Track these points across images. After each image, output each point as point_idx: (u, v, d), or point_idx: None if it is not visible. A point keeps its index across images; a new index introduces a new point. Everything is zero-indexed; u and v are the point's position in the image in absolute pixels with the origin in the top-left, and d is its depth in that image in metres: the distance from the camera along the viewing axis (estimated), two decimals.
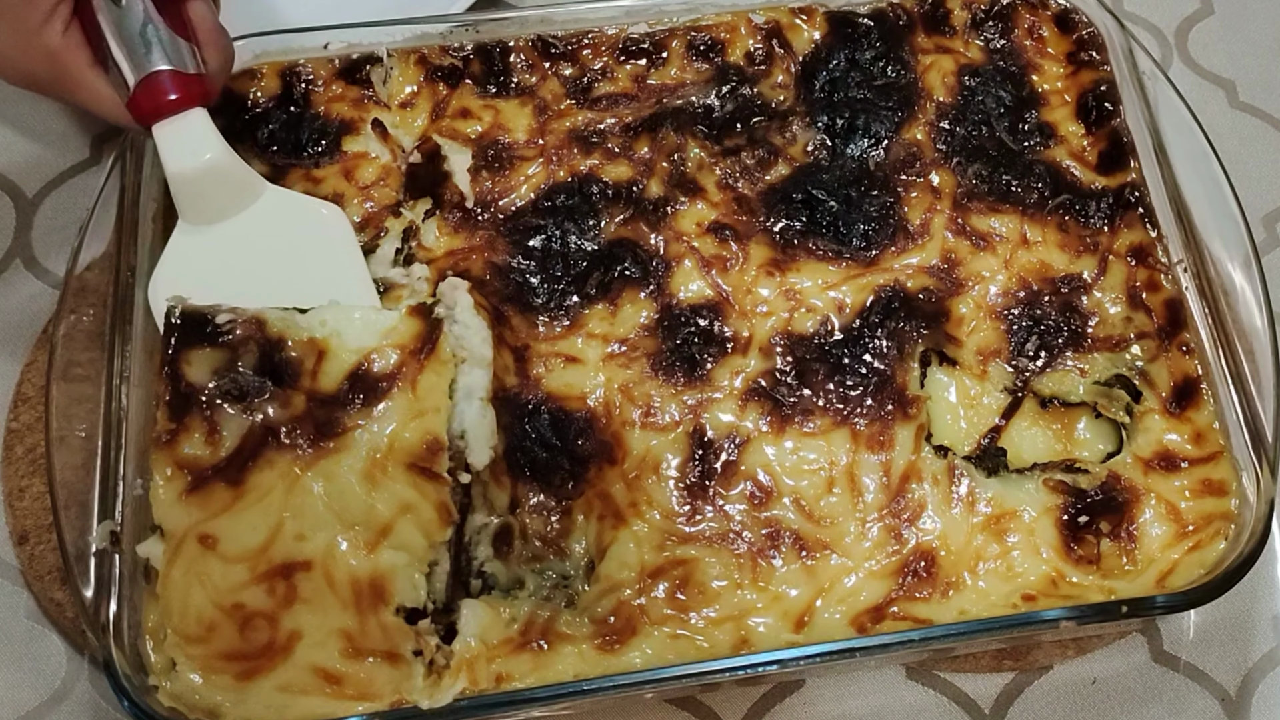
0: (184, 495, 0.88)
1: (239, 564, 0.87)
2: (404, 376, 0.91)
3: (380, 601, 0.87)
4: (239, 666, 0.86)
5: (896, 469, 0.96)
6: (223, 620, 0.86)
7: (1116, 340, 1.02)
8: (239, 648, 0.86)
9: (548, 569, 0.94)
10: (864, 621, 0.91)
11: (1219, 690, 1.04)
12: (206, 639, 0.86)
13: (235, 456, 0.88)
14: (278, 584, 0.87)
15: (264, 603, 0.86)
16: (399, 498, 0.88)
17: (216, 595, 0.86)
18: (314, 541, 0.88)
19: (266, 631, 0.86)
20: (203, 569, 0.87)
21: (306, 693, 0.86)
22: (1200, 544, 0.94)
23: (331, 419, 0.89)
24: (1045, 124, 1.11)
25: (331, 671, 0.86)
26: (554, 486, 0.95)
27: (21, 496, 1.06)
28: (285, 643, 0.86)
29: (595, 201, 1.06)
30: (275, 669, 0.86)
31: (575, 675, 0.88)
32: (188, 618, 0.86)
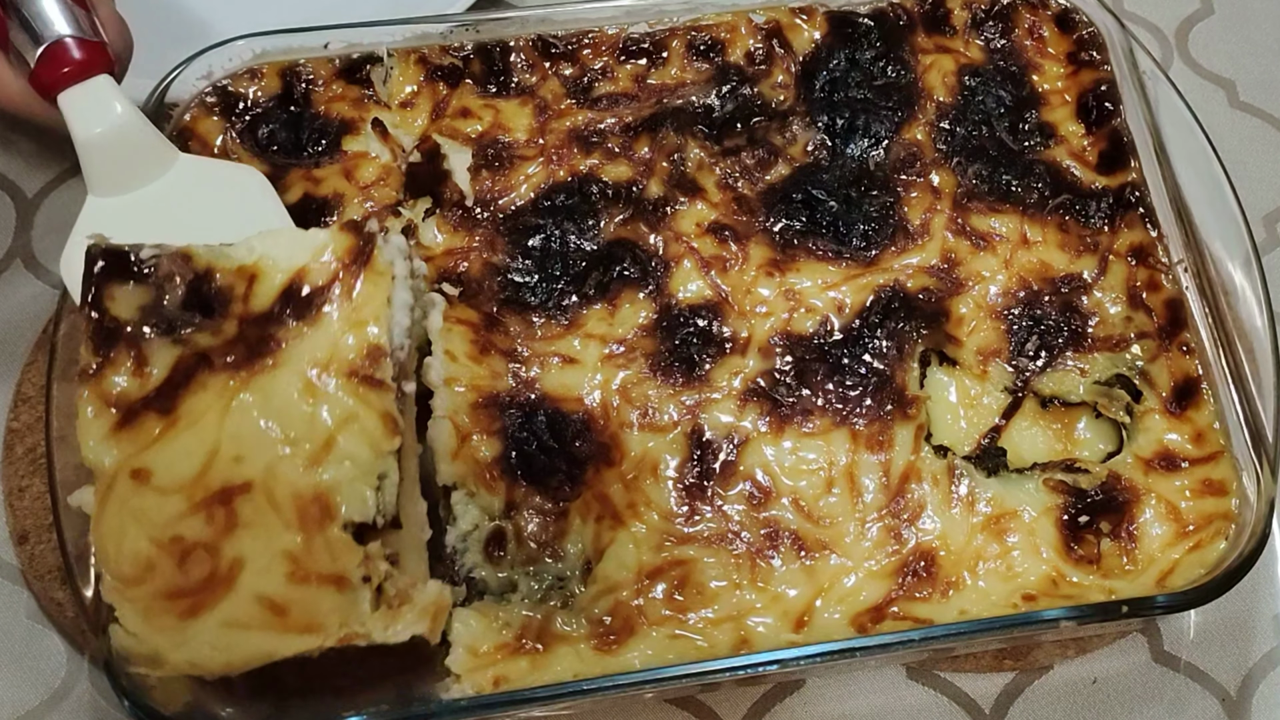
0: (113, 431, 0.83)
1: (175, 495, 0.82)
2: (340, 286, 0.87)
3: (327, 518, 0.82)
4: (181, 604, 0.81)
5: (896, 469, 0.96)
6: (161, 557, 0.81)
7: (1117, 340, 1.02)
8: (179, 584, 0.81)
9: (543, 571, 0.94)
10: (864, 621, 0.91)
11: (1219, 690, 1.03)
12: (144, 579, 0.81)
13: (165, 385, 0.84)
14: (216, 511, 0.82)
15: (203, 532, 0.82)
16: (341, 408, 0.84)
17: (153, 531, 0.81)
18: (253, 462, 0.83)
19: (207, 563, 0.81)
20: (137, 506, 0.82)
21: (250, 627, 0.81)
22: (1201, 544, 0.94)
23: (265, 336, 0.86)
24: (1045, 124, 1.11)
25: (276, 600, 0.81)
26: (551, 489, 0.95)
27: (21, 496, 1.06)
28: (227, 572, 0.81)
29: (595, 201, 1.06)
30: (218, 603, 0.81)
31: (574, 676, 0.88)
32: (123, 559, 0.81)
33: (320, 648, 0.81)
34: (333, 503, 0.83)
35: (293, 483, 0.82)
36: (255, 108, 1.09)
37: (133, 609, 0.81)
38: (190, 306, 0.86)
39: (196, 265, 0.87)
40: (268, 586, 0.81)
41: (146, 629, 0.80)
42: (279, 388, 0.84)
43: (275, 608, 0.81)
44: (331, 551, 0.82)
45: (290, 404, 0.84)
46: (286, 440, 0.83)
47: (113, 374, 0.84)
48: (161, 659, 0.81)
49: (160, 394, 0.84)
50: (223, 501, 0.82)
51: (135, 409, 0.83)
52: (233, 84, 1.08)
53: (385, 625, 0.82)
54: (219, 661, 0.81)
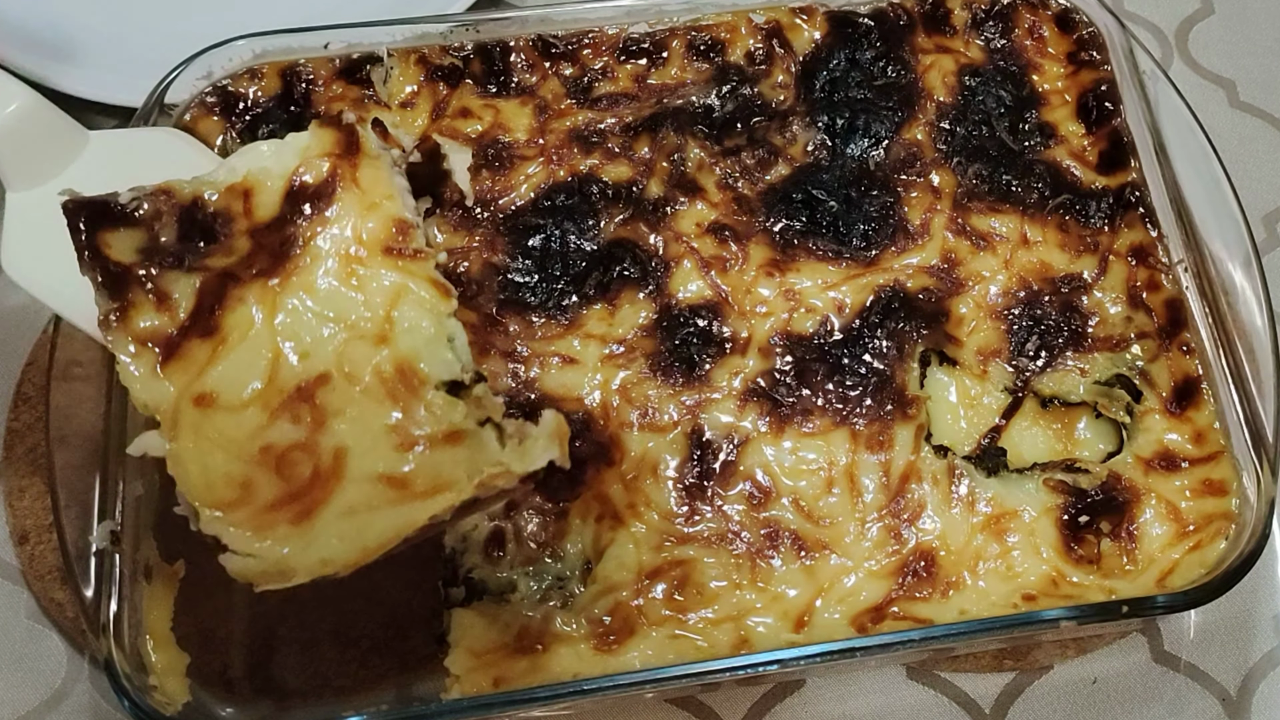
0: (160, 367, 0.82)
1: (249, 408, 0.81)
2: (342, 177, 0.88)
3: (417, 382, 0.82)
4: (291, 510, 0.78)
5: (896, 469, 0.96)
6: (255, 471, 0.79)
7: (1117, 340, 1.02)
8: (283, 491, 0.79)
9: (542, 571, 0.94)
10: (864, 621, 0.91)
11: (1220, 690, 1.03)
12: (245, 498, 0.78)
13: (199, 311, 0.83)
14: (300, 410, 0.81)
15: (293, 434, 0.80)
16: (389, 283, 0.85)
17: (238, 449, 0.80)
18: (320, 355, 0.82)
19: (307, 462, 0.79)
20: (213, 430, 0.80)
21: (375, 508, 0.78)
22: (1201, 544, 0.94)
23: (285, 239, 0.85)
24: (1045, 124, 1.11)
25: (394, 475, 0.79)
26: (551, 489, 0.95)
27: (21, 496, 1.07)
28: (332, 465, 0.79)
29: (595, 201, 1.06)
30: (331, 496, 0.79)
31: (574, 676, 0.88)
32: (215, 486, 0.79)
33: (456, 503, 0.78)
34: (417, 369, 0.82)
35: (370, 361, 0.82)
36: (255, 108, 1.09)
37: (241, 532, 0.78)
38: (190, 237, 0.86)
39: (180, 198, 0.86)
40: (380, 464, 0.79)
41: (264, 545, 0.77)
42: (318, 281, 0.84)
43: (395, 481, 0.79)
44: (434, 413, 0.81)
45: (337, 293, 0.84)
46: (346, 326, 0.83)
47: (137, 316, 0.83)
48: (290, 568, 0.78)
49: (196, 320, 0.83)
50: (304, 399, 0.81)
51: (175, 340, 0.82)
52: (233, 84, 1.08)
53: (520, 458, 0.79)
54: (353, 551, 0.78)
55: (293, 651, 1.01)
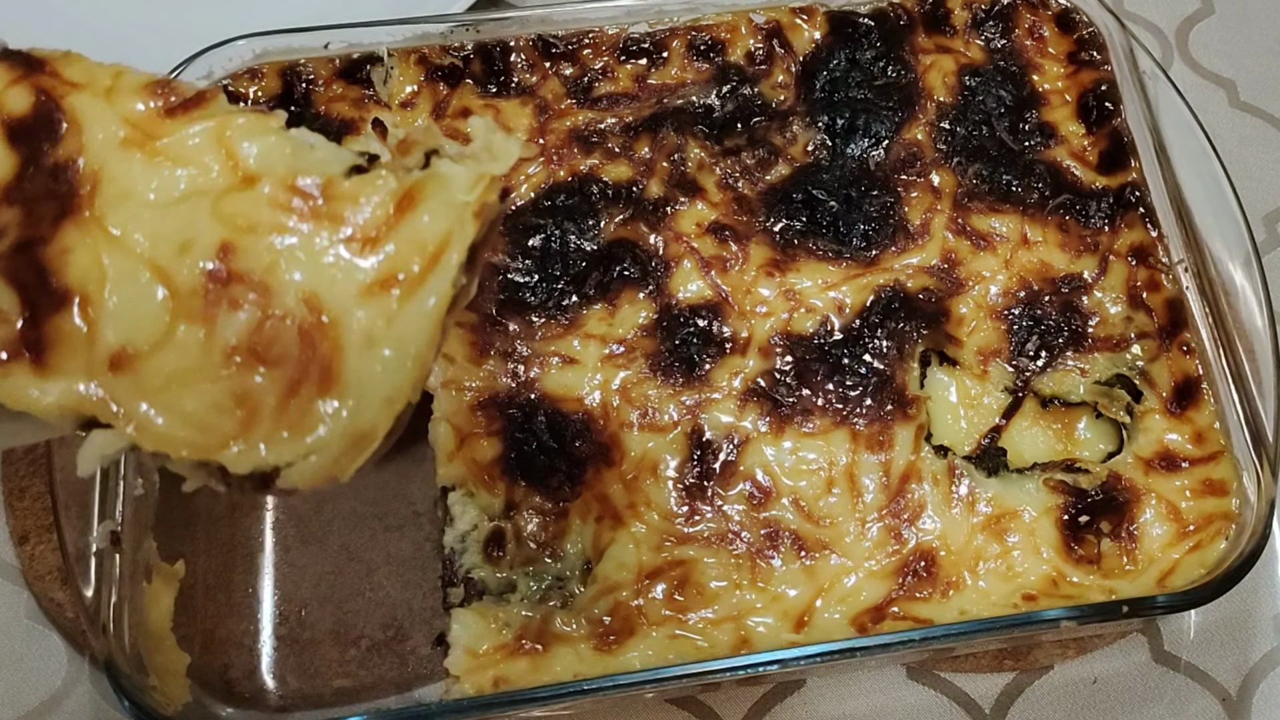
0: (38, 370, 0.67)
1: (177, 331, 0.67)
2: (48, 87, 0.72)
3: (319, 189, 0.70)
4: (311, 383, 0.67)
5: (896, 469, 0.96)
6: (237, 381, 0.67)
7: (1117, 340, 1.02)
8: (285, 375, 0.67)
9: (542, 571, 0.94)
10: (864, 621, 0.91)
11: (1220, 690, 1.03)
12: (251, 412, 0.67)
13: (29, 294, 0.68)
14: (232, 291, 0.67)
15: (245, 318, 0.67)
16: (200, 138, 0.71)
17: (201, 375, 0.67)
18: (200, 232, 0.69)
19: (283, 331, 0.67)
20: (155, 379, 0.68)
21: (392, 317, 0.67)
22: (1201, 544, 0.94)
23: (53, 176, 0.70)
24: (1046, 124, 1.11)
25: (383, 277, 0.68)
26: (550, 489, 0.95)
27: (21, 496, 1.07)
28: (311, 315, 0.67)
29: (595, 201, 1.06)
30: (340, 340, 0.67)
31: (574, 676, 0.88)
32: (210, 426, 0.67)
33: (465, 250, 0.69)
34: (307, 181, 0.70)
35: (255, 203, 0.69)
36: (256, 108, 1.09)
37: (278, 444, 0.66)
38: None
39: None
40: (359, 277, 0.68)
41: (315, 436, 0.66)
42: (130, 183, 0.70)
43: (388, 282, 0.68)
44: (366, 197, 0.69)
45: (160, 177, 0.70)
46: (197, 194, 0.70)
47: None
48: (360, 429, 0.67)
49: (38, 303, 0.68)
50: (224, 280, 0.67)
51: (31, 335, 0.67)
52: (233, 84, 1.08)
53: (490, 159, 0.71)
54: (405, 369, 0.67)
55: (293, 651, 1.01)
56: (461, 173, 0.71)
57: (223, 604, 1.03)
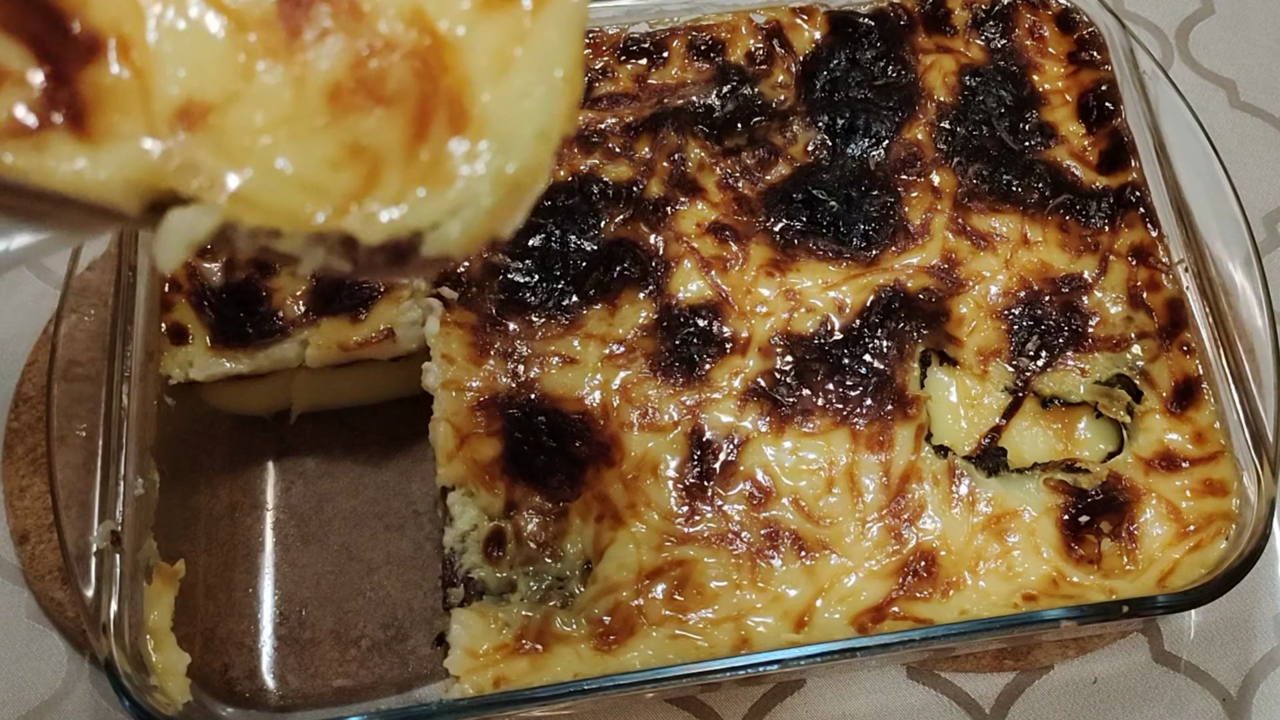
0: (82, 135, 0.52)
1: (253, 67, 0.53)
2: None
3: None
4: (445, 121, 0.54)
5: (896, 469, 0.96)
6: (347, 126, 0.53)
7: (1117, 340, 1.02)
8: (408, 113, 0.53)
9: (542, 571, 0.94)
10: (864, 621, 0.91)
11: (1220, 690, 1.03)
12: (372, 165, 0.53)
13: (59, 45, 0.51)
14: (314, 10, 0.53)
15: (341, 46, 0.53)
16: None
17: (299, 122, 0.53)
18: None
19: (395, 60, 0.53)
20: (243, 133, 0.53)
21: (520, 35, 0.55)
22: (1201, 544, 0.94)
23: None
24: (1046, 124, 1.11)
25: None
26: (550, 489, 0.95)
27: (22, 496, 1.07)
28: (425, 38, 0.54)
29: (595, 201, 1.06)
30: (463, 66, 0.54)
31: (574, 676, 0.88)
32: (325, 187, 0.52)
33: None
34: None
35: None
36: None
37: (414, 204, 0.53)
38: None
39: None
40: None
41: (457, 185, 0.53)
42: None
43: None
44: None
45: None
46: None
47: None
48: (519, 172, 0.55)
49: (70, 50, 0.51)
50: (303, 3, 0.53)
51: (72, 91, 0.51)
52: None
53: None
54: (557, 91, 0.55)
55: (292, 651, 1.01)
56: None
57: (223, 604, 1.03)
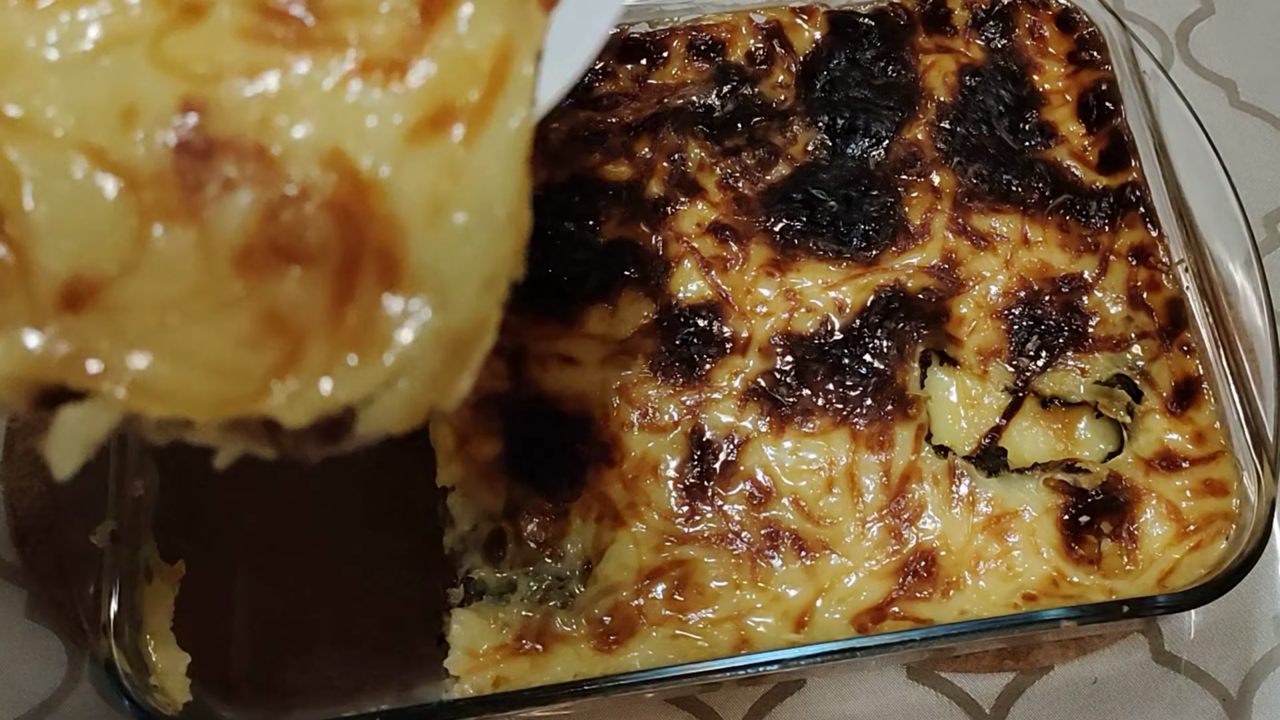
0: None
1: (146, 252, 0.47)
2: None
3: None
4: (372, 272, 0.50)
5: (896, 469, 0.96)
6: (251, 309, 0.48)
7: (1117, 340, 1.02)
8: (331, 275, 0.48)
9: (542, 571, 0.94)
10: (865, 621, 0.91)
11: (1220, 690, 1.03)
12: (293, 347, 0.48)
13: None
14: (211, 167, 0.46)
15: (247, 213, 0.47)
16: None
17: (207, 299, 0.48)
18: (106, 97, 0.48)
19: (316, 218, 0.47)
20: (142, 315, 0.48)
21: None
22: (1201, 544, 0.94)
23: None
24: (1046, 123, 1.11)
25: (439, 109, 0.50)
26: (551, 489, 0.95)
27: (22, 497, 1.06)
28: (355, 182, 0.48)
29: (595, 201, 1.06)
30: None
31: (574, 676, 0.88)
32: (244, 369, 0.48)
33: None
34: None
35: (206, 54, 0.48)
36: None
37: (343, 378, 0.47)
38: None
39: None
40: (391, 127, 0.48)
41: (391, 350, 0.48)
42: (5, 38, 0.48)
43: (437, 118, 0.49)
44: (355, 11, 0.50)
45: (38, 26, 0.48)
46: (106, 48, 0.48)
47: None
48: (463, 329, 0.52)
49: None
50: (205, 154, 0.47)
51: None
52: None
53: None
54: (505, 226, 0.52)
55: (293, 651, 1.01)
56: None
57: (223, 604, 1.03)
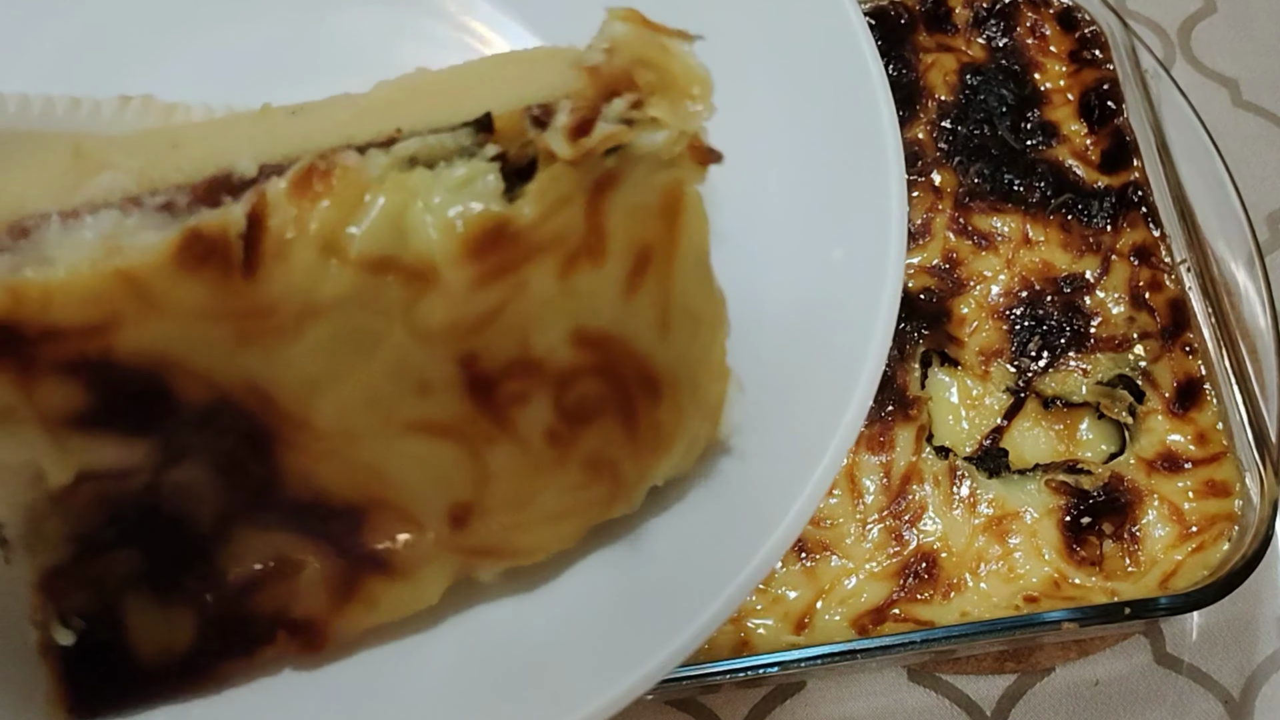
0: None
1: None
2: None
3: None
4: None
5: (897, 470, 0.96)
6: (575, 465, 0.60)
7: (1119, 340, 1.02)
8: (617, 414, 0.60)
9: None
10: (865, 623, 0.91)
11: (1222, 693, 1.03)
12: (612, 477, 0.61)
13: None
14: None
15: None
16: None
17: (545, 483, 0.60)
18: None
19: None
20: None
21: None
22: (1204, 545, 0.94)
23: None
24: (1047, 123, 1.11)
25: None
26: None
27: None
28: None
29: None
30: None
31: None
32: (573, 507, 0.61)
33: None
34: (470, 248, 0.53)
35: (449, 315, 0.55)
36: None
37: (655, 470, 0.61)
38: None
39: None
40: (610, 292, 0.57)
41: (680, 438, 0.61)
42: (284, 371, 0.54)
43: (638, 266, 0.57)
44: (539, 223, 0.54)
45: (308, 354, 0.55)
46: (365, 345, 0.55)
47: None
48: (713, 400, 0.62)
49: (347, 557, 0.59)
50: (492, 387, 0.57)
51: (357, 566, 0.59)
52: None
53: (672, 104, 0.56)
54: (711, 314, 0.61)
55: None
56: (655, 139, 0.54)
57: None
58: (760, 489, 0.63)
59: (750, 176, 0.68)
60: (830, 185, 0.70)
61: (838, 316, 0.67)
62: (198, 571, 0.56)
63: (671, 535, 0.64)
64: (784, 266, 0.68)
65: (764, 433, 0.64)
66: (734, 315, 0.62)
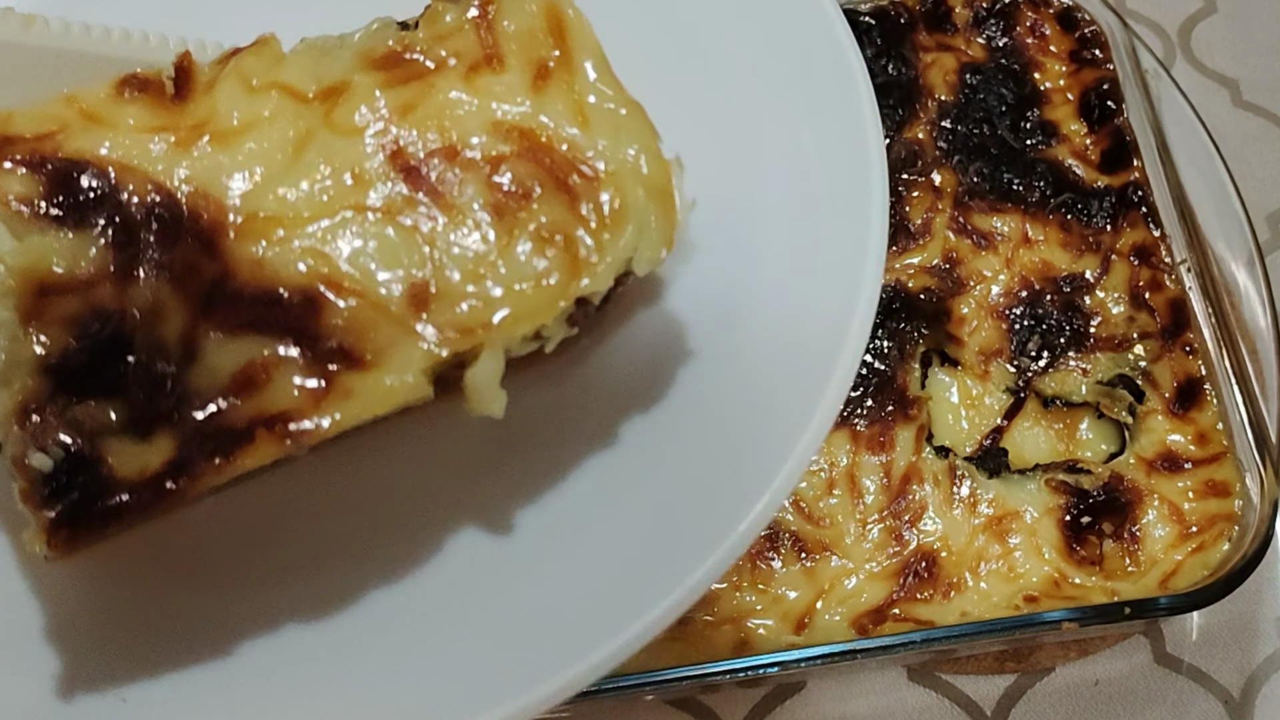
0: None
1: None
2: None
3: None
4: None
5: (897, 470, 0.96)
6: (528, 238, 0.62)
7: (1119, 340, 1.02)
8: (556, 192, 0.63)
9: None
10: (865, 623, 0.91)
11: (1222, 692, 1.03)
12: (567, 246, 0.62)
13: None
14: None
15: None
16: None
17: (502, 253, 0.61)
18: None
19: None
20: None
21: None
22: (1203, 545, 0.94)
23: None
24: (1047, 122, 1.11)
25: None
26: None
27: None
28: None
29: None
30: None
31: None
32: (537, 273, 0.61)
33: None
34: (376, 57, 0.64)
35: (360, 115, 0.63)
36: None
37: (609, 249, 0.62)
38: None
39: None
40: (517, 93, 0.64)
41: (629, 217, 0.62)
42: (222, 172, 0.62)
43: (539, 73, 0.64)
44: (436, 40, 0.65)
45: (243, 159, 0.62)
46: (299, 147, 0.63)
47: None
48: (655, 180, 0.63)
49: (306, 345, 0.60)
50: (419, 170, 0.63)
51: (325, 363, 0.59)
52: None
53: None
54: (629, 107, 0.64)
55: None
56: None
57: None
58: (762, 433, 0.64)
59: (735, 174, 0.72)
60: (810, 173, 0.75)
61: (822, 286, 0.69)
62: (173, 399, 0.58)
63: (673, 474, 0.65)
64: (767, 264, 0.70)
65: (761, 392, 0.65)
66: (719, 304, 0.66)
